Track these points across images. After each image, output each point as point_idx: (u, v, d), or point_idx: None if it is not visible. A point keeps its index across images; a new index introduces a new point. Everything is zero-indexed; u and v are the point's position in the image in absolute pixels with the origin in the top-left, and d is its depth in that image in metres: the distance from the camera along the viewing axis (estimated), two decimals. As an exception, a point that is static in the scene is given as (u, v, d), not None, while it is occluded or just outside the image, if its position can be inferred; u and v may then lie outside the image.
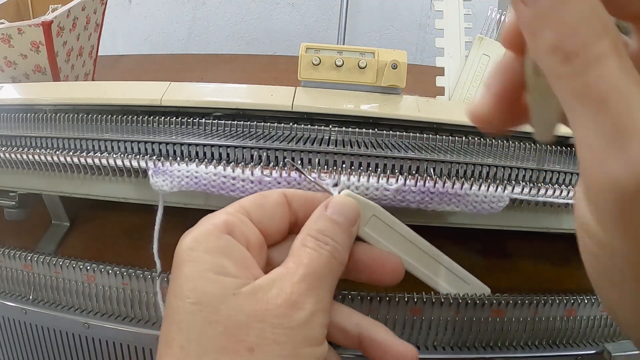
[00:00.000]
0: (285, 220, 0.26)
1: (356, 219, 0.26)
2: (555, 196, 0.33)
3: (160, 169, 0.32)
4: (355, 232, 0.26)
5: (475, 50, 0.50)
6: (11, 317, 0.41)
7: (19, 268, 0.41)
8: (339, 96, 0.44)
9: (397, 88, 0.44)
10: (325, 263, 0.23)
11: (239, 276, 0.22)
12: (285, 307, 0.21)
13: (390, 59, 0.43)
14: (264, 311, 0.21)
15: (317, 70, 0.44)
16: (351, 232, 0.26)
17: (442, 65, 0.51)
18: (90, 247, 0.48)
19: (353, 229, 0.26)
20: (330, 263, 0.24)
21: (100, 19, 0.78)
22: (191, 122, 0.42)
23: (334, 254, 0.24)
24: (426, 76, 0.53)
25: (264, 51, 1.31)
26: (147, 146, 0.34)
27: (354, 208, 0.26)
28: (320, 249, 0.24)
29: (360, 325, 0.26)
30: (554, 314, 0.39)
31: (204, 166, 0.31)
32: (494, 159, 0.36)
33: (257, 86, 0.45)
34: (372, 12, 1.27)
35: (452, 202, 0.32)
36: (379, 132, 0.42)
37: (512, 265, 0.46)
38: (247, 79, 0.92)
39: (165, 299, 0.26)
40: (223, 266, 0.22)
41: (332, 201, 0.26)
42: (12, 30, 0.61)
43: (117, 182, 0.38)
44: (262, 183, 0.30)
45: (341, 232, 0.25)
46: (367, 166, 0.33)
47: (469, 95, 0.50)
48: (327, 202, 0.26)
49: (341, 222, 0.25)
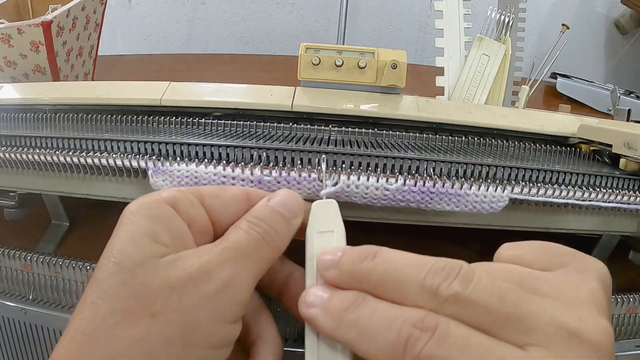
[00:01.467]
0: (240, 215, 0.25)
1: (298, 212, 0.26)
2: (555, 196, 0.33)
3: (160, 169, 0.32)
4: (297, 225, 0.25)
5: (475, 50, 0.50)
6: (11, 317, 0.41)
7: (18, 268, 0.41)
8: (338, 96, 0.44)
9: (397, 88, 0.44)
10: (252, 242, 0.23)
11: (168, 245, 0.22)
12: (196, 275, 0.21)
13: (390, 59, 0.43)
14: (176, 278, 0.21)
15: (317, 70, 0.44)
16: (291, 223, 0.25)
17: (442, 65, 0.51)
18: (90, 247, 0.48)
19: (294, 221, 0.25)
20: (258, 243, 0.23)
21: (100, 19, 0.78)
22: (191, 122, 0.42)
23: (265, 236, 0.24)
24: (426, 76, 0.53)
25: (264, 51, 1.31)
26: (146, 146, 0.34)
27: (297, 202, 0.26)
28: (250, 230, 0.23)
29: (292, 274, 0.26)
30: (553, 313, 0.39)
31: (204, 166, 0.31)
32: (494, 159, 0.36)
33: (257, 86, 0.45)
34: (371, 12, 1.27)
35: (452, 202, 0.32)
36: (379, 132, 0.42)
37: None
38: (247, 79, 0.92)
39: None
40: (155, 232, 0.22)
41: (276, 193, 0.26)
42: (11, 30, 0.61)
43: (116, 182, 0.38)
44: (261, 183, 0.30)
45: (279, 220, 0.25)
46: (367, 166, 0.33)
47: (468, 94, 0.50)
48: (271, 194, 0.26)
49: (281, 211, 0.25)
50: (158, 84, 0.45)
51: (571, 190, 0.33)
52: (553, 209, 0.37)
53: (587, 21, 1.22)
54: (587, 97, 0.90)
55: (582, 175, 0.35)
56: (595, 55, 1.25)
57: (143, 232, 0.22)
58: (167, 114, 0.42)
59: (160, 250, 0.22)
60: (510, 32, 0.51)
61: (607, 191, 0.34)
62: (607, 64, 1.25)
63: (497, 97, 0.51)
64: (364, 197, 0.31)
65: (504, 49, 0.50)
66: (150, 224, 0.22)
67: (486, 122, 0.43)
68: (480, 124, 0.43)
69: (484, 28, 0.51)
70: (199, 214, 0.24)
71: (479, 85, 0.50)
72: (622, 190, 0.34)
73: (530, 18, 0.53)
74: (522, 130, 0.43)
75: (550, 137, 0.43)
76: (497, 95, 0.51)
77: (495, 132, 0.43)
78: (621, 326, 0.40)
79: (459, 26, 0.51)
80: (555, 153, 0.42)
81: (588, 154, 0.42)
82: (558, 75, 0.93)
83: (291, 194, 0.26)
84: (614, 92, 0.71)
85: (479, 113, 0.44)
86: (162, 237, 0.22)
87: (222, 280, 0.21)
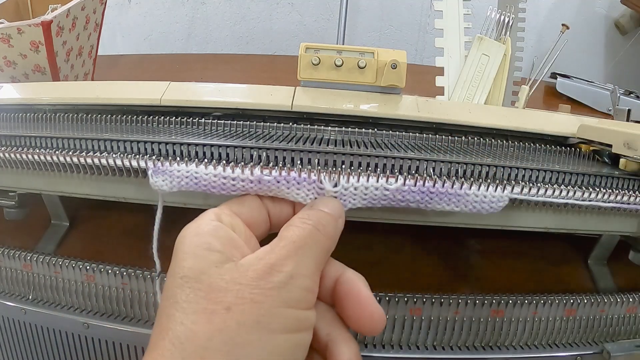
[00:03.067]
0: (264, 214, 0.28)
1: (341, 213, 0.28)
2: (555, 196, 0.33)
3: (160, 169, 0.32)
4: (342, 225, 0.27)
5: (475, 50, 0.50)
6: (11, 317, 0.41)
7: (18, 268, 0.41)
8: (338, 96, 0.44)
9: (397, 88, 0.44)
10: (307, 234, 0.25)
11: (222, 251, 0.24)
12: (263, 270, 0.23)
13: (390, 59, 0.43)
14: (243, 275, 0.22)
15: (317, 70, 0.44)
16: (337, 222, 0.27)
17: (442, 65, 0.51)
18: (89, 247, 0.48)
19: (339, 220, 0.27)
20: (313, 234, 0.25)
21: (100, 19, 0.78)
22: (191, 122, 0.42)
23: (318, 227, 0.25)
24: (426, 76, 0.53)
25: (264, 51, 1.31)
26: (146, 146, 0.34)
27: (338, 204, 0.28)
28: (302, 224, 0.25)
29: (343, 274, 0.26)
30: (553, 314, 0.39)
31: (204, 166, 0.31)
32: (494, 159, 0.36)
33: (257, 86, 0.45)
34: (371, 12, 1.27)
35: (452, 202, 0.32)
36: (379, 132, 0.42)
37: (512, 265, 0.46)
38: (247, 79, 0.92)
39: None
40: (210, 243, 0.24)
41: (318, 198, 0.29)
42: (11, 30, 0.61)
43: (116, 182, 0.38)
44: (261, 183, 0.30)
45: (325, 216, 0.27)
46: (367, 166, 0.33)
47: (468, 95, 0.50)
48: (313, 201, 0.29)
49: (327, 210, 0.27)
50: (158, 83, 0.45)
51: (571, 190, 0.33)
52: (553, 209, 0.37)
53: (587, 21, 1.22)
54: (587, 97, 0.90)
55: (582, 175, 0.35)
56: (595, 55, 1.25)
57: (197, 245, 0.24)
58: (167, 114, 0.42)
59: (217, 256, 0.23)
60: (510, 32, 0.51)
61: (607, 191, 0.34)
62: (607, 64, 1.25)
63: (497, 97, 0.51)
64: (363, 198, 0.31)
65: (504, 49, 0.50)
66: (202, 239, 0.24)
67: (486, 122, 0.43)
68: (480, 124, 0.43)
69: (483, 28, 0.51)
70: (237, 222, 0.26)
71: (479, 85, 0.50)
72: (622, 190, 0.34)
73: (530, 18, 0.53)
74: (521, 130, 0.43)
75: (550, 137, 0.43)
76: (497, 95, 0.51)
77: (495, 132, 0.43)
78: (621, 326, 0.40)
79: (458, 26, 0.51)
80: (555, 153, 0.42)
81: (588, 154, 0.42)
82: (558, 75, 0.93)
83: (329, 198, 0.29)
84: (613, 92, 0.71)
85: (479, 113, 0.44)
86: (214, 245, 0.24)
87: (287, 273, 0.23)
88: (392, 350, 0.38)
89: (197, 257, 0.23)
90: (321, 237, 0.25)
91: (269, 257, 0.23)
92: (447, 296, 0.38)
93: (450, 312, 0.38)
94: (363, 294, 0.26)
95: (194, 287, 0.22)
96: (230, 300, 0.21)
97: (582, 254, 0.49)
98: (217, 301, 0.22)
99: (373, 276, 0.28)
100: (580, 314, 0.39)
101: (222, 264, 0.23)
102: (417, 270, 0.46)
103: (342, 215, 0.28)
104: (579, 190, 0.33)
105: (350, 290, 0.26)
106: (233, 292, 0.22)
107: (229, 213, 0.27)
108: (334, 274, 0.27)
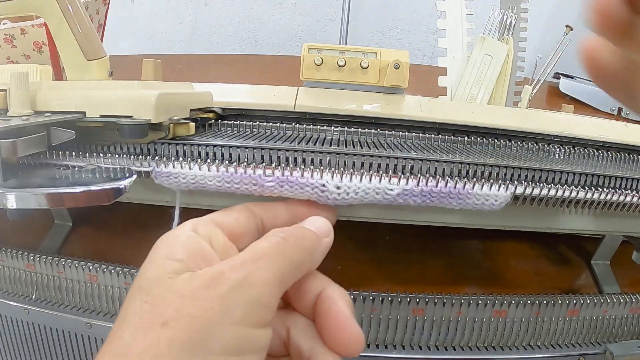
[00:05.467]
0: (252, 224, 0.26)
1: (328, 232, 0.26)
2: (557, 196, 0.33)
3: (163, 170, 0.32)
4: (328, 244, 0.26)
5: (478, 50, 0.50)
6: (14, 317, 0.41)
7: (21, 268, 0.41)
8: (341, 96, 0.44)
9: (400, 88, 0.44)
10: (273, 244, 0.23)
11: (185, 262, 0.22)
12: (209, 278, 0.20)
13: (393, 59, 0.43)
14: (189, 287, 0.20)
15: (320, 71, 0.44)
16: (322, 240, 0.25)
17: (445, 65, 0.51)
18: (92, 247, 0.48)
19: (326, 239, 0.26)
20: (279, 245, 0.23)
21: (103, 19, 0.78)
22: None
23: (288, 239, 0.23)
24: (428, 76, 0.53)
25: (267, 51, 1.31)
26: (149, 147, 0.34)
27: (326, 223, 0.27)
28: (270, 237, 0.23)
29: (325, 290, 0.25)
30: (556, 314, 0.39)
31: (207, 166, 0.31)
32: (496, 159, 0.36)
33: (260, 86, 0.45)
34: (374, 12, 1.27)
35: (454, 201, 0.31)
36: (382, 132, 0.42)
37: (513, 265, 0.46)
38: (250, 79, 0.92)
39: None
40: (173, 253, 0.22)
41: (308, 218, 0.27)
42: (15, 31, 0.61)
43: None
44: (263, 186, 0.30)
45: (306, 232, 0.25)
46: (370, 166, 0.33)
47: (471, 95, 0.50)
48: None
49: (310, 227, 0.26)
50: (160, 84, 0.45)
51: (573, 190, 0.33)
52: (556, 209, 0.37)
53: (590, 21, 1.22)
54: (590, 97, 0.90)
55: (585, 175, 0.35)
56: (599, 55, 1.24)
57: (160, 254, 0.22)
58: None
59: (175, 266, 0.21)
60: (513, 32, 0.51)
61: (610, 191, 0.34)
62: (611, 64, 1.24)
63: (499, 97, 0.51)
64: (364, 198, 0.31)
65: (507, 49, 0.50)
66: (167, 248, 0.23)
67: (489, 122, 0.43)
68: (483, 124, 0.43)
69: (486, 28, 0.51)
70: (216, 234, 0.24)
71: (482, 85, 0.50)
72: (625, 191, 0.34)
73: (532, 18, 0.53)
74: (524, 131, 0.43)
75: (553, 137, 0.43)
76: (500, 96, 0.50)
77: (498, 132, 0.43)
78: (624, 326, 0.40)
79: (461, 26, 0.51)
80: (558, 153, 0.42)
81: (588, 154, 0.41)
82: (561, 75, 0.93)
83: (317, 217, 0.27)
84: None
85: (482, 113, 0.44)
86: (177, 254, 0.22)
87: (235, 280, 0.20)
88: (395, 351, 0.38)
89: (157, 266, 0.22)
90: (289, 249, 0.23)
91: (221, 265, 0.21)
92: (450, 296, 0.38)
93: (453, 313, 0.38)
94: (342, 313, 0.24)
95: (143, 300, 0.21)
96: (169, 314, 0.20)
97: (585, 255, 0.48)
98: (158, 314, 0.20)
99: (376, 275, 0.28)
100: (583, 315, 0.39)
101: (178, 275, 0.21)
102: (420, 270, 0.46)
103: (328, 235, 0.26)
104: (581, 190, 0.33)
105: (329, 309, 0.24)
106: (175, 306, 0.20)
107: (208, 223, 0.25)
108: (315, 288, 0.25)
